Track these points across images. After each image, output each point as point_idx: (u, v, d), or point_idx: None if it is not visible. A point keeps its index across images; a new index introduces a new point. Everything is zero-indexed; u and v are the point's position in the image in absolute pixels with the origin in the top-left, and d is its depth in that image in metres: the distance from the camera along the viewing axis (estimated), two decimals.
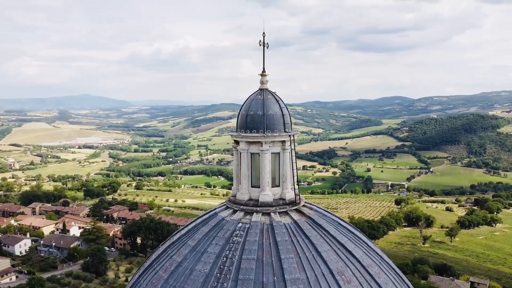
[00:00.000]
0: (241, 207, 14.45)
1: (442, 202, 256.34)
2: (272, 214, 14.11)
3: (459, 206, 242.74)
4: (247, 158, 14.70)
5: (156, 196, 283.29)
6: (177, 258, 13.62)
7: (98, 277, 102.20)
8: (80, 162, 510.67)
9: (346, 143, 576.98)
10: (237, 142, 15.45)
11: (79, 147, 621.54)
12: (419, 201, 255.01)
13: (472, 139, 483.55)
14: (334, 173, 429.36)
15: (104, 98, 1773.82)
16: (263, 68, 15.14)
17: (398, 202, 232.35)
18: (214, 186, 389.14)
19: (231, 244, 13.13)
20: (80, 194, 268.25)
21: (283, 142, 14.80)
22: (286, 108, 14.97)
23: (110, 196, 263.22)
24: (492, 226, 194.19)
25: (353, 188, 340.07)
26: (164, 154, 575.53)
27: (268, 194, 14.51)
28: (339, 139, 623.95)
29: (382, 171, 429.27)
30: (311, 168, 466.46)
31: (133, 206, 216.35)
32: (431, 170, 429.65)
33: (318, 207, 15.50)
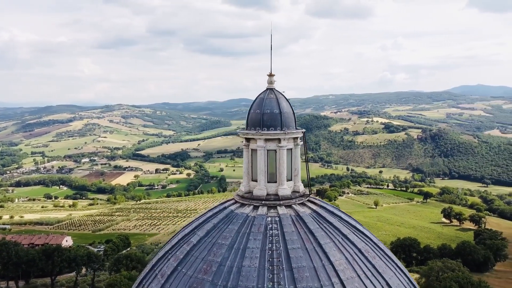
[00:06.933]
0: (263, 202, 14.94)
1: None
2: (293, 206, 15.02)
3: None
4: (264, 155, 15.22)
5: None
6: (215, 258, 13.34)
7: None
8: None
9: (199, 144, 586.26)
10: (247, 140, 15.86)
11: None
12: None
13: (309, 137, 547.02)
14: (189, 174, 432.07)
15: None
16: (271, 69, 15.89)
17: None
18: (56, 197, 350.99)
19: (271, 238, 13.59)
20: None
21: (295, 138, 15.88)
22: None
23: None
24: None
25: (209, 188, 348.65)
26: None
27: (286, 188, 15.37)
28: (191, 140, 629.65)
29: (234, 170, 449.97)
30: (165, 171, 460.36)
31: None
32: None
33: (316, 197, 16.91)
